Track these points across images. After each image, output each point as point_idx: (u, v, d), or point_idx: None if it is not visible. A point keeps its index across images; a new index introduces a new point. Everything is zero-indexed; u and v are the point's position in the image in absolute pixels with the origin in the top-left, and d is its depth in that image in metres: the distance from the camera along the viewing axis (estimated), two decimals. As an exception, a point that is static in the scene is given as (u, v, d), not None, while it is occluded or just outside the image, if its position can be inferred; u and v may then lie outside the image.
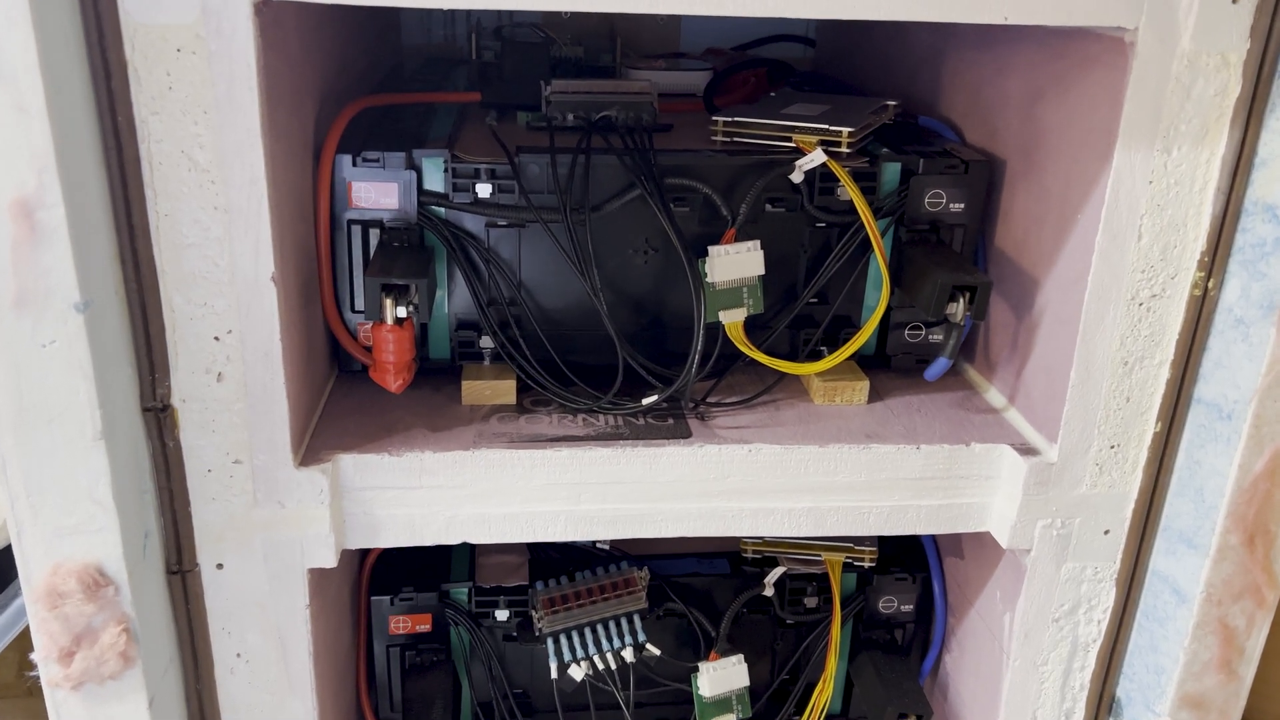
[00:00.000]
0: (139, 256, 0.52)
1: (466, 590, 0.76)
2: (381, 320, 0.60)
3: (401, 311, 0.60)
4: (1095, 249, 0.58)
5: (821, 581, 0.79)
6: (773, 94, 0.81)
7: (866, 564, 0.78)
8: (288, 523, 0.60)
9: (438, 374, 0.71)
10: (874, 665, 0.79)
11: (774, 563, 0.79)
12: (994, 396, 0.71)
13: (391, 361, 0.60)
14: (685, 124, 0.78)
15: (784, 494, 0.65)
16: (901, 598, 0.81)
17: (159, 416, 0.55)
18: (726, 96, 0.87)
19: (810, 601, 0.79)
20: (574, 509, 0.64)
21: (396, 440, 0.63)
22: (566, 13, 0.97)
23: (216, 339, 0.55)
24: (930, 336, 0.73)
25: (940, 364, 0.66)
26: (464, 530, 0.63)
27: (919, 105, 0.83)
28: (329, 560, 0.60)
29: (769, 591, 0.78)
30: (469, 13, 1.09)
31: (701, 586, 0.78)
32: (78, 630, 0.54)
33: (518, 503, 0.63)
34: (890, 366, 0.73)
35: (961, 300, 0.63)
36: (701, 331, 0.64)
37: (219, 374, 0.56)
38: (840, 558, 0.78)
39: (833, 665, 0.79)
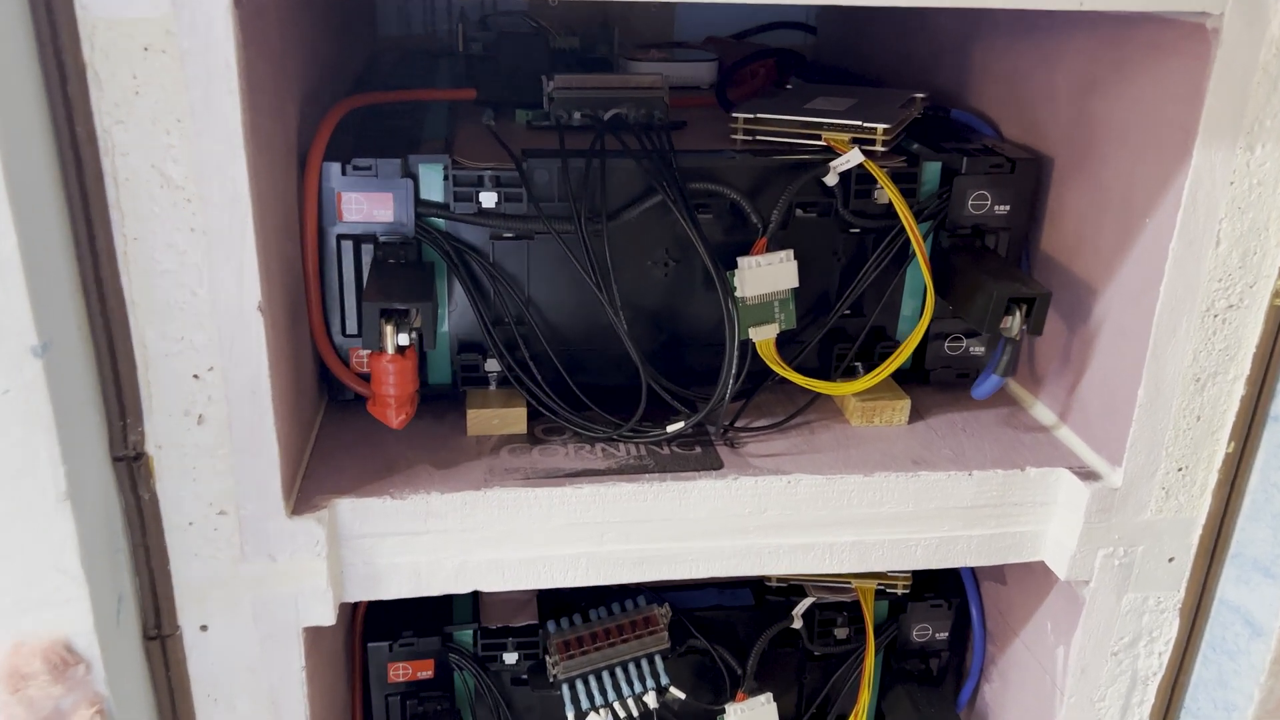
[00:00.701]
0: (105, 287, 0.46)
1: (471, 632, 0.70)
2: (381, 349, 0.53)
3: (403, 339, 0.53)
4: (1169, 256, 0.53)
5: (852, 610, 0.74)
6: (788, 86, 0.75)
7: (900, 591, 0.73)
8: (280, 578, 0.53)
9: (439, 401, 0.64)
10: (910, 698, 0.74)
11: (800, 591, 0.73)
12: (1042, 413, 0.66)
13: (393, 395, 0.54)
14: (696, 120, 0.72)
15: (825, 528, 0.59)
16: (936, 625, 0.75)
17: (132, 466, 0.49)
18: (736, 89, 0.81)
19: (841, 632, 0.74)
20: (596, 550, 0.58)
21: (398, 480, 0.56)
22: (555, 0, 0.90)
23: (196, 377, 0.49)
24: (971, 349, 0.67)
25: (992, 382, 0.61)
26: (476, 578, 0.57)
27: (943, 97, 0.77)
28: (326, 618, 0.54)
29: (797, 624, 0.72)
30: (450, 1, 1.02)
31: (725, 620, 0.73)
32: (44, 715, 0.47)
33: (535, 546, 0.57)
34: (928, 381, 0.68)
35: (1018, 313, 0.58)
36: (735, 351, 0.58)
37: (200, 416, 0.49)
38: (872, 585, 0.73)
39: (865, 698, 0.74)
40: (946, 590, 0.75)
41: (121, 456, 0.48)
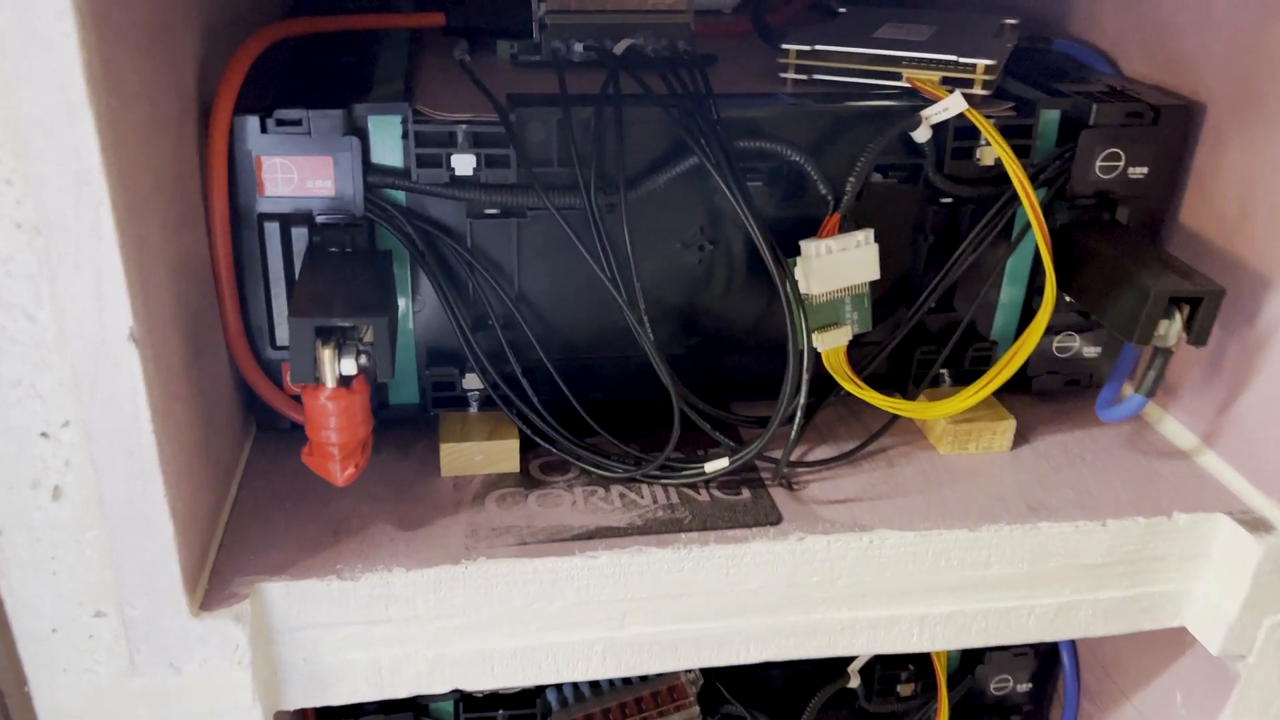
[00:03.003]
0: (-116, 316, 0.30)
1: (452, 704, 0.56)
2: (318, 382, 0.38)
3: (348, 366, 0.38)
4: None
5: (919, 661, 0.60)
6: (841, 10, 0.59)
7: (978, 638, 0.60)
8: (187, 693, 0.39)
9: (403, 428, 0.49)
10: (987, 766, 0.61)
11: (855, 639, 0.59)
12: (1176, 432, 0.52)
13: (335, 443, 0.39)
14: (728, 54, 0.57)
15: (915, 597, 0.45)
16: (1017, 675, 0.62)
17: (-45, 565, 0.34)
18: (774, 14, 0.65)
19: (905, 689, 0.60)
20: (616, 635, 0.44)
21: (349, 548, 0.42)
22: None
23: (45, 435, 0.34)
24: (1085, 350, 0.53)
25: (1132, 404, 0.46)
26: (455, 675, 0.43)
27: (1039, 24, 0.61)
28: (254, 741, 0.40)
29: (854, 682, 0.59)
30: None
31: (766, 681, 0.59)
32: None
33: (534, 632, 0.43)
34: (1029, 390, 0.54)
35: (1178, 316, 0.43)
36: (799, 365, 0.44)
37: (54, 488, 0.35)
38: (945, 633, 0.59)
39: (933, 766, 0.61)
40: (1030, 633, 0.62)
41: (-61, 552, 0.34)
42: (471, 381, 0.48)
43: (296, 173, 0.43)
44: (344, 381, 0.38)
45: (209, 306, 0.42)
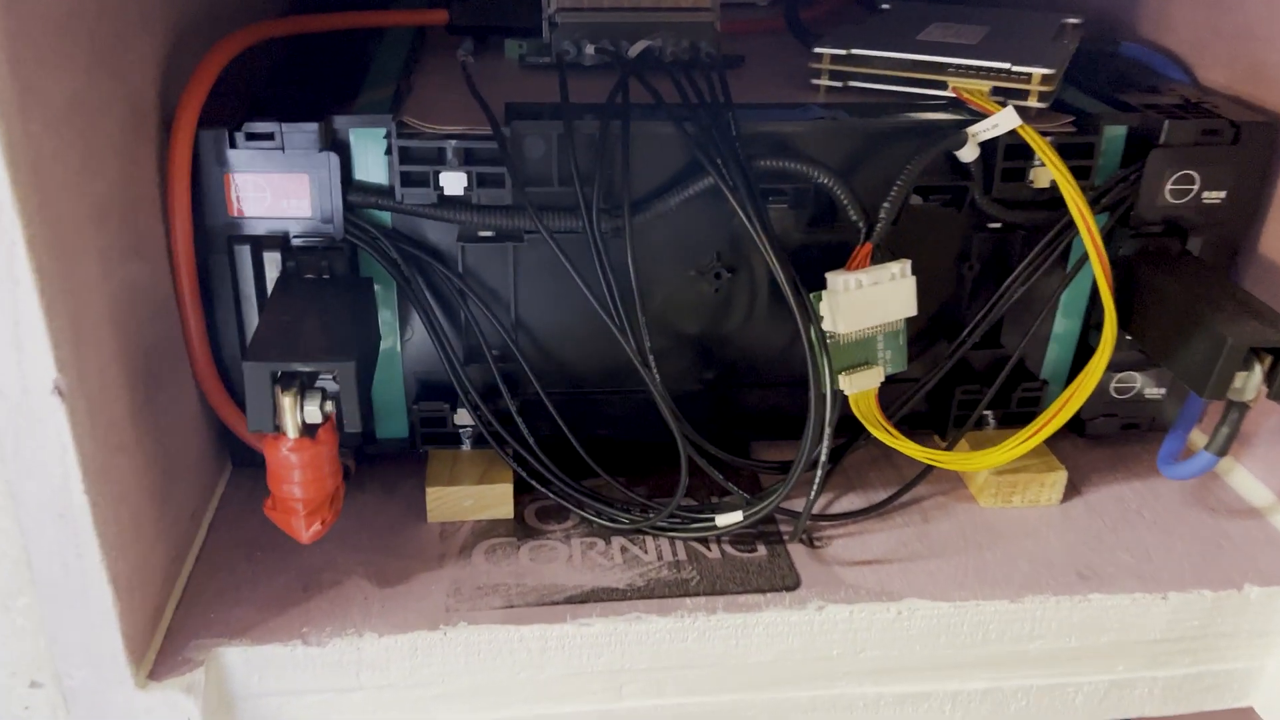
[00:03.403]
0: None
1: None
2: (279, 431, 0.34)
3: (312, 412, 0.34)
4: None
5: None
6: (885, 5, 0.54)
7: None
8: (135, 768, 0.35)
9: (390, 463, 0.45)
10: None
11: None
12: (1248, 486, 0.46)
13: (299, 498, 0.35)
14: (757, 55, 0.52)
15: (949, 671, 0.40)
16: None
17: None
18: (812, 9, 0.60)
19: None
20: (612, 708, 0.39)
21: (318, 608, 0.38)
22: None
23: (-37, 495, 0.30)
24: (1146, 391, 0.47)
25: (1201, 461, 0.41)
26: (434, 747, 0.39)
27: (1104, 23, 0.56)
28: (209, 821, 0.36)
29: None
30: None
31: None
32: None
33: (520, 703, 0.39)
34: (1082, 433, 0.48)
35: (1257, 368, 0.38)
36: (821, 411, 0.39)
37: (-23, 552, 0.31)
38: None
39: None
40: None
41: None
42: (464, 418, 0.43)
43: (270, 191, 0.39)
44: (308, 431, 0.34)
45: (170, 338, 0.38)
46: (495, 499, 0.43)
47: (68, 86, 0.30)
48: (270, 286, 0.40)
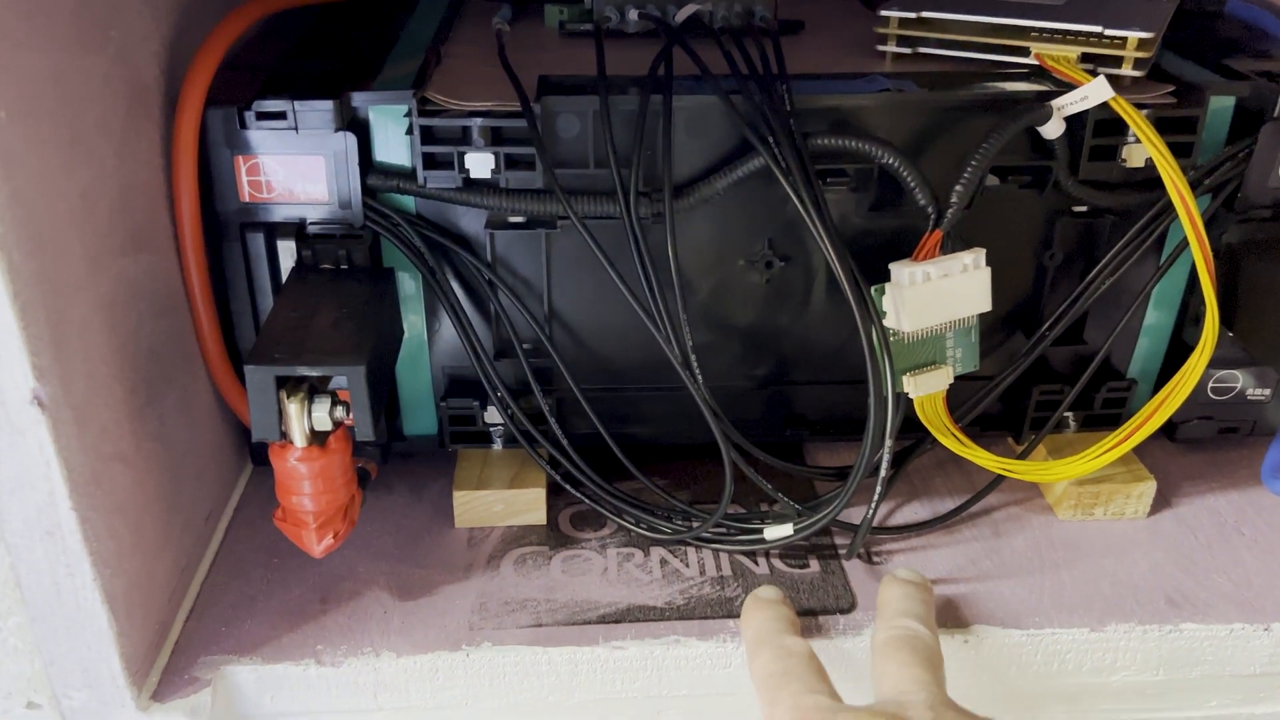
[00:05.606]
0: None
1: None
2: (285, 439, 0.32)
3: (321, 419, 0.32)
4: None
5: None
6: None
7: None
8: (139, 791, 0.33)
9: (419, 461, 0.43)
10: None
11: None
12: (1363, 498, 0.41)
13: (310, 510, 0.33)
14: (818, 20, 0.48)
15: (1020, 703, 0.37)
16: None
17: None
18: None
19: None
20: (648, 735, 0.37)
21: (335, 621, 0.36)
22: None
23: (-56, 510, 0.28)
24: (1250, 392, 0.43)
25: (1314, 477, 0.37)
26: (458, 771, 0.37)
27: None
28: (218, 847, 0.34)
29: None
30: None
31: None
32: None
33: (550, 728, 0.36)
34: (1172, 438, 0.44)
35: (1385, 376, 0.33)
36: (882, 417, 0.35)
37: (-37, 570, 0.29)
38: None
39: None
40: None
41: None
42: (494, 415, 0.41)
43: (283, 175, 0.36)
44: (318, 438, 0.32)
45: (180, 334, 0.36)
46: (527, 504, 0.40)
47: (46, 64, 0.27)
48: (282, 278, 0.37)
